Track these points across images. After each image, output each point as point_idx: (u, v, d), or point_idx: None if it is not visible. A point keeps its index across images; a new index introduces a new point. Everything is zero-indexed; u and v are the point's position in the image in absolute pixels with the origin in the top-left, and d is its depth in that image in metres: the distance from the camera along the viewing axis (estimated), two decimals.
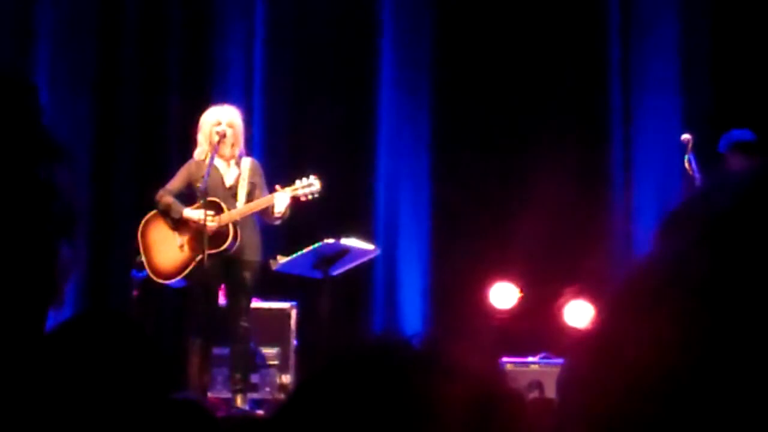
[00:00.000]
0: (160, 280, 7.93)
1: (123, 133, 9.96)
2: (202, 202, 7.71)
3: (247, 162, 8.04)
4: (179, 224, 7.89)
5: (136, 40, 10.04)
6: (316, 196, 7.87)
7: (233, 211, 7.80)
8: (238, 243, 7.78)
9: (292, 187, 7.84)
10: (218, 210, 7.77)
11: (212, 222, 7.70)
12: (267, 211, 7.86)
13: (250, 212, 7.87)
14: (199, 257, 7.70)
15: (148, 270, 7.93)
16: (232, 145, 7.96)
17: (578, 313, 9.05)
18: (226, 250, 7.73)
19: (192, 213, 7.81)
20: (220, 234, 7.75)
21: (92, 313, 2.51)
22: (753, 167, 0.79)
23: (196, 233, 7.78)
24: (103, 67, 10.00)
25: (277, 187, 7.85)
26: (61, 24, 9.96)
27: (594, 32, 9.93)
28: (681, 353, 0.70)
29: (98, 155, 9.91)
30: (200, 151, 7.98)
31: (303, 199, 7.84)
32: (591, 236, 9.42)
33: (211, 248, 7.69)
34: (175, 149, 9.24)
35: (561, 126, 9.62)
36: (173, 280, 7.89)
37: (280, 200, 7.77)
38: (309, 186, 7.85)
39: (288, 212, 7.83)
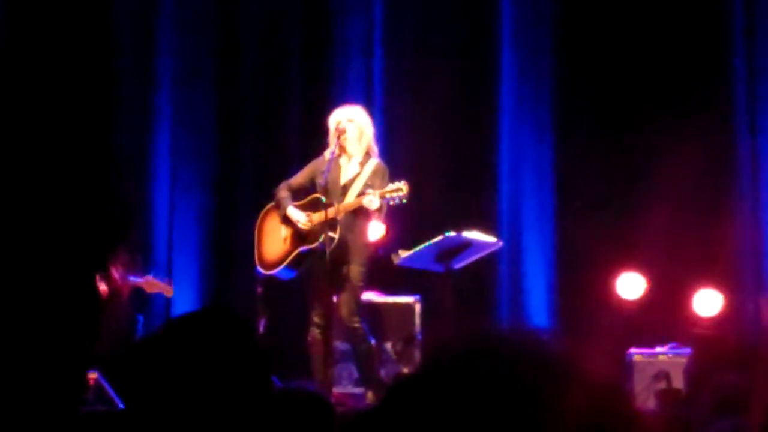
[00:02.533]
0: (262, 270, 8.16)
1: (245, 132, 10.09)
2: (308, 199, 7.95)
3: (372, 163, 8.04)
4: (286, 217, 8.05)
5: (256, 38, 10.13)
6: (404, 201, 7.75)
7: (330, 210, 7.81)
8: (335, 242, 7.80)
9: (381, 190, 7.80)
10: (319, 208, 7.84)
11: (304, 225, 7.92)
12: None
13: (342, 213, 7.86)
14: (295, 253, 7.95)
15: (256, 258, 8.19)
16: (356, 141, 7.98)
17: (707, 303, 8.91)
18: (317, 248, 7.81)
19: (292, 212, 8.00)
20: (315, 232, 7.85)
21: (203, 311, 2.54)
22: None
23: (297, 229, 7.98)
24: (224, 65, 10.11)
25: (369, 190, 7.83)
26: (183, 18, 10.08)
27: (717, 19, 9.72)
28: None
29: (222, 156, 10.05)
30: (329, 150, 8.07)
31: (391, 203, 7.77)
32: (718, 225, 9.24)
33: (306, 244, 7.87)
34: (296, 147, 9.31)
35: (685, 112, 9.43)
36: (272, 271, 8.10)
37: (369, 202, 7.75)
38: (397, 191, 7.74)
39: (380, 215, 7.83)
